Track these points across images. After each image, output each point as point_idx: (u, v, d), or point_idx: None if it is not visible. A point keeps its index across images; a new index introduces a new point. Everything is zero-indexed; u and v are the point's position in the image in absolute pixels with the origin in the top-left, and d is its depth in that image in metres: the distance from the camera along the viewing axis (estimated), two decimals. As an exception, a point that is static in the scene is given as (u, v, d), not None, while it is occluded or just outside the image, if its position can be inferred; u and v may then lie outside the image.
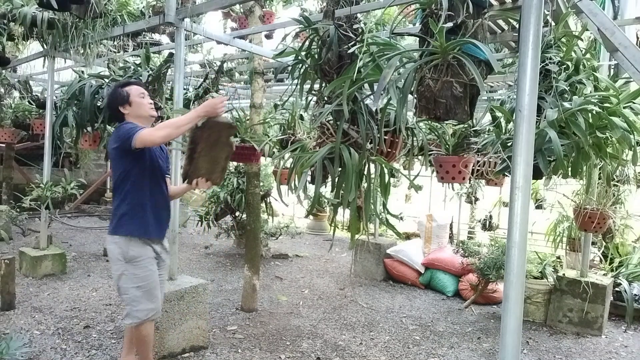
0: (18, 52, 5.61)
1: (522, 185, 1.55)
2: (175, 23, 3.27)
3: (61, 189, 5.08)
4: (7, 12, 4.15)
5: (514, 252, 1.56)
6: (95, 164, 9.59)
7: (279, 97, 6.46)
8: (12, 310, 3.86)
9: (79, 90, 4.17)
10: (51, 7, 3.60)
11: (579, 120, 2.08)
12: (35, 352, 3.16)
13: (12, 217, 6.27)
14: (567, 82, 2.31)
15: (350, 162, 1.93)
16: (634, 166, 3.05)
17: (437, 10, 1.64)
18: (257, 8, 4.14)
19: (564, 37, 2.39)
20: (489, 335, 3.97)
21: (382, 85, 1.67)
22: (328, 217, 8.56)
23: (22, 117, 5.87)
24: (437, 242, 5.70)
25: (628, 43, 1.74)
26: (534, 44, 1.54)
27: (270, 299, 4.65)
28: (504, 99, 3.00)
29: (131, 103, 2.51)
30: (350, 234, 2.14)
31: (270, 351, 3.42)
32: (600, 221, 3.54)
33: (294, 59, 2.26)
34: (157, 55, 5.16)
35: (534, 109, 1.55)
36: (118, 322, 3.73)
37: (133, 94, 2.53)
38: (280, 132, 3.59)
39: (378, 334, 3.89)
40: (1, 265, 3.77)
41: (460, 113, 1.64)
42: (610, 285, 4.14)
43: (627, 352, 3.76)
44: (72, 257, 5.64)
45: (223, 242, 7.04)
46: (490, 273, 4.29)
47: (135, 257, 2.44)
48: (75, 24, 4.14)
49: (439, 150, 3.32)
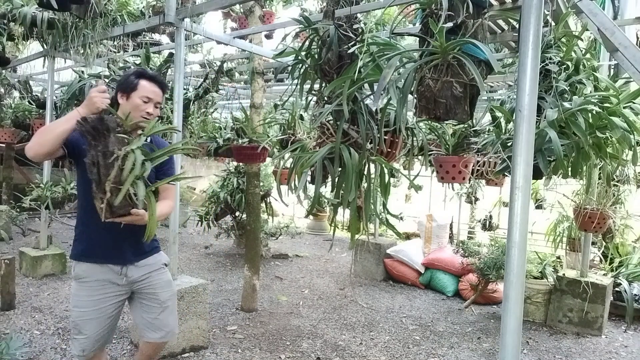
0: (18, 52, 5.61)
1: (522, 185, 1.55)
2: (175, 23, 3.27)
3: (61, 189, 5.07)
4: (7, 12, 4.15)
5: (514, 252, 1.56)
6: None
7: (279, 97, 6.46)
8: (12, 310, 3.86)
9: (79, 90, 4.17)
10: (51, 7, 3.60)
11: (579, 120, 2.08)
12: (35, 352, 3.16)
13: (12, 217, 6.28)
14: (567, 82, 2.31)
15: (350, 162, 1.93)
16: (634, 166, 3.05)
17: (437, 10, 1.64)
18: (257, 8, 4.14)
19: (564, 37, 2.39)
20: (489, 335, 3.97)
21: (382, 85, 1.67)
22: (328, 217, 8.56)
23: (22, 117, 5.87)
24: (437, 242, 5.70)
25: (628, 43, 1.74)
26: (534, 44, 1.54)
27: (270, 299, 4.65)
28: (504, 99, 3.00)
29: (129, 98, 2.07)
30: (350, 234, 2.14)
31: (270, 351, 3.42)
32: (600, 221, 3.54)
33: (294, 59, 2.26)
34: (157, 55, 5.16)
35: (534, 109, 1.55)
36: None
37: (139, 91, 2.08)
38: (280, 132, 3.59)
39: (378, 334, 3.89)
40: (1, 265, 3.77)
41: (460, 113, 1.64)
42: (610, 285, 4.14)
43: (627, 352, 3.76)
44: (72, 257, 5.63)
45: (223, 242, 7.04)
46: (490, 273, 4.29)
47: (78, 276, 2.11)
48: (75, 24, 4.13)
49: (439, 150, 3.32)
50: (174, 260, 3.30)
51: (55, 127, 1.90)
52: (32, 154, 1.89)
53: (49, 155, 1.93)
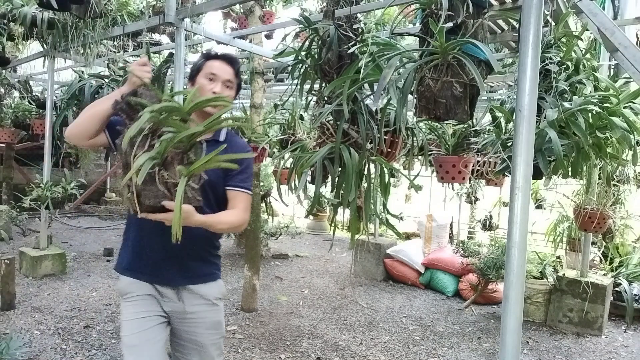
0: (18, 52, 5.61)
1: (522, 185, 1.55)
2: (175, 23, 3.27)
3: (61, 189, 5.08)
4: (7, 12, 4.15)
5: (514, 252, 1.56)
6: (95, 164, 9.57)
7: (279, 97, 6.46)
8: (12, 310, 3.86)
9: (79, 90, 4.17)
10: (51, 7, 3.60)
11: (579, 120, 2.08)
12: (35, 352, 3.16)
13: (12, 217, 6.27)
14: (567, 82, 2.31)
15: (350, 162, 1.93)
16: (634, 166, 3.05)
17: (437, 10, 1.64)
18: (257, 8, 4.14)
19: (564, 37, 2.39)
20: (489, 335, 3.97)
21: (382, 85, 1.67)
22: (328, 217, 8.56)
23: (22, 117, 5.87)
24: (437, 242, 5.70)
25: (628, 43, 1.74)
26: (534, 44, 1.54)
27: (270, 299, 4.65)
28: (504, 99, 3.00)
29: (195, 83, 1.76)
30: (350, 234, 2.14)
31: (270, 351, 3.42)
32: (600, 221, 3.54)
33: (294, 59, 2.26)
34: (157, 55, 5.17)
35: (534, 109, 1.55)
36: (118, 322, 3.73)
37: (203, 70, 1.75)
38: (280, 132, 3.59)
39: (378, 334, 3.89)
40: (1, 265, 3.77)
41: (460, 113, 1.64)
42: (610, 285, 4.14)
43: (627, 352, 3.76)
44: (72, 257, 5.64)
45: (223, 242, 7.02)
46: (490, 273, 4.29)
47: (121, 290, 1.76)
48: (75, 24, 4.14)
49: (439, 150, 3.32)
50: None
51: (91, 106, 1.63)
52: (68, 134, 1.64)
53: (85, 137, 1.61)
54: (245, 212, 1.73)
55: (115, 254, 5.92)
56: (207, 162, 1.33)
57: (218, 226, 1.61)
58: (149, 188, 1.31)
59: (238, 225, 1.69)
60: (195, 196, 1.40)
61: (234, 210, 1.70)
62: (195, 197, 1.40)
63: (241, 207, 1.71)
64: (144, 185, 1.29)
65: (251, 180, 1.80)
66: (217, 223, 1.60)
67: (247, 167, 1.75)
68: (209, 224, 1.55)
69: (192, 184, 1.38)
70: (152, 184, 1.32)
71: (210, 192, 1.69)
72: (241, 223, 1.70)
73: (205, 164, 1.33)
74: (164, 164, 1.33)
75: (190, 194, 1.37)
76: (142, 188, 1.30)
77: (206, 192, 1.64)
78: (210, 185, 1.63)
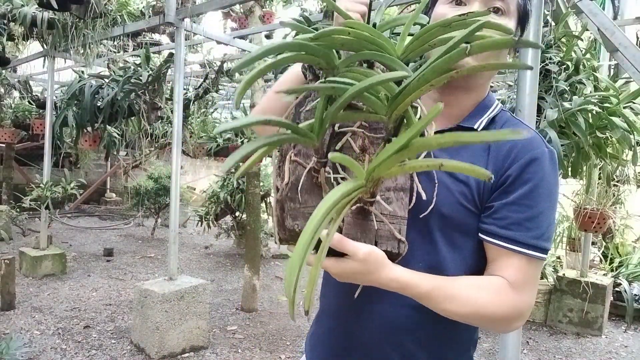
0: (18, 52, 5.61)
1: (522, 185, 1.55)
2: (175, 23, 3.27)
3: (61, 189, 5.08)
4: (7, 12, 4.15)
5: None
6: (95, 164, 9.59)
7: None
8: (12, 310, 3.86)
9: (79, 90, 4.18)
10: (51, 7, 3.60)
11: (579, 120, 2.08)
12: (35, 352, 3.16)
13: (12, 217, 6.28)
14: (567, 82, 2.31)
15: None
16: (634, 166, 3.05)
17: (437, 10, 1.64)
18: (257, 8, 4.14)
19: (564, 37, 2.39)
20: (489, 335, 3.97)
21: (382, 85, 1.67)
22: (328, 217, 8.54)
23: (22, 117, 5.87)
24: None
25: (628, 43, 1.74)
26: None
27: (270, 299, 4.65)
28: (504, 99, 3.00)
29: (432, 12, 0.94)
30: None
31: (270, 351, 3.42)
32: (600, 221, 3.54)
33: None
34: (157, 55, 5.17)
35: (534, 109, 1.55)
36: (118, 322, 3.73)
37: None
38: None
39: (378, 334, 3.89)
40: (1, 265, 3.77)
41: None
42: (610, 285, 4.14)
43: (627, 352, 3.76)
44: (72, 257, 5.64)
45: (223, 242, 7.04)
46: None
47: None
48: (75, 24, 4.14)
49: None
50: (174, 260, 3.30)
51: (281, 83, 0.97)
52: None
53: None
54: (524, 292, 0.80)
55: (116, 254, 5.94)
56: (431, 163, 0.57)
57: (448, 305, 0.76)
58: (296, 196, 0.73)
59: (503, 316, 0.79)
60: (392, 229, 0.70)
61: (497, 281, 0.80)
62: (393, 233, 0.70)
63: (517, 278, 0.80)
64: (291, 191, 0.72)
65: (550, 231, 0.84)
66: (445, 298, 0.76)
67: (547, 196, 0.83)
68: (426, 293, 0.75)
69: (381, 199, 0.70)
70: (310, 189, 0.73)
71: (444, 226, 0.84)
72: (510, 314, 0.79)
73: (428, 164, 0.58)
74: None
75: (376, 221, 0.70)
76: (287, 195, 0.73)
77: (428, 224, 0.83)
78: (445, 212, 0.82)
